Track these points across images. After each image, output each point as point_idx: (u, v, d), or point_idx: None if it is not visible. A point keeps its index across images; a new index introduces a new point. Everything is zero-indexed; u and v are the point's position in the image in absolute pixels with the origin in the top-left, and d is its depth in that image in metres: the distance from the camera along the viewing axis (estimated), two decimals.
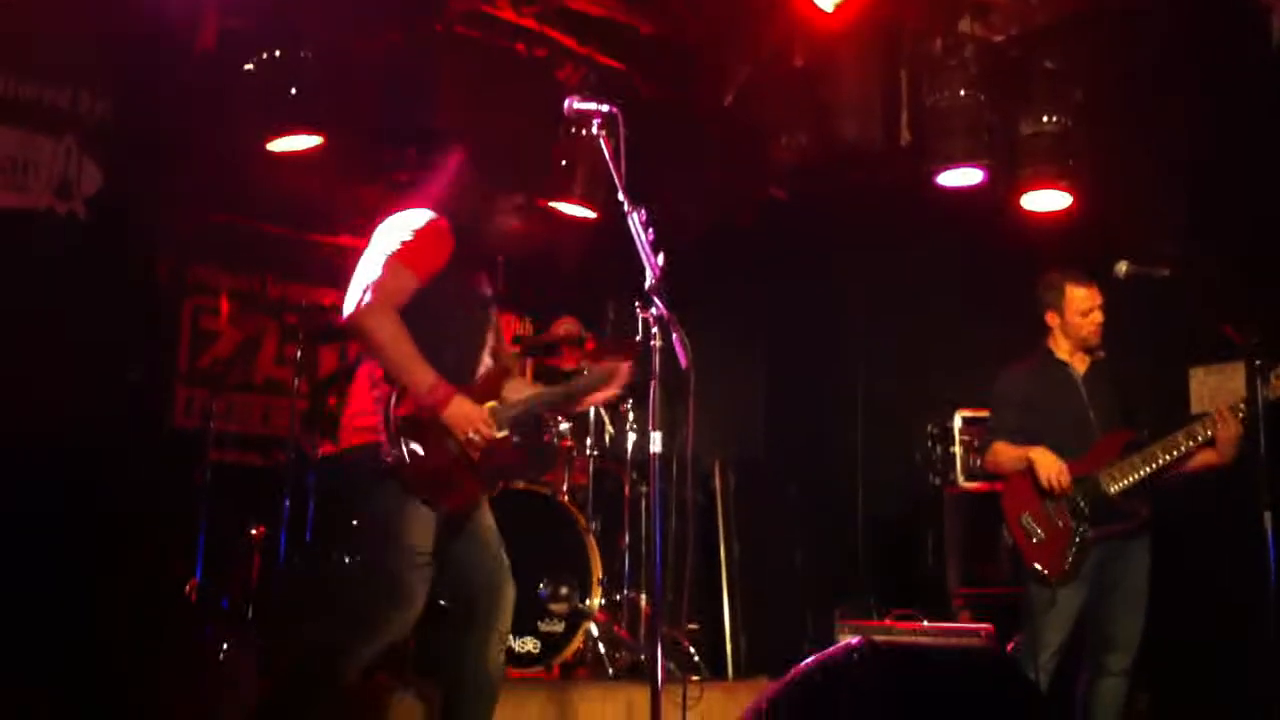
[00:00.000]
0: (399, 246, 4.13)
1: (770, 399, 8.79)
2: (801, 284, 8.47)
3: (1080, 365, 5.48)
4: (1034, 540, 5.21)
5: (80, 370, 6.17)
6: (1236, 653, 5.85)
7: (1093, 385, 5.43)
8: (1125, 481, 5.19)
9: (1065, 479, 5.18)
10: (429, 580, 4.12)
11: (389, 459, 4.05)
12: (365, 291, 4.06)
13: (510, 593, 4.35)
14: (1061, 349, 5.51)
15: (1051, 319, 5.52)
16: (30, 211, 6.46)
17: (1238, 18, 6.22)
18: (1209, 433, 5.14)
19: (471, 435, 4.11)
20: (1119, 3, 6.53)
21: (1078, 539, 5.17)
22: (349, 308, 4.09)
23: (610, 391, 4.64)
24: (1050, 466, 5.20)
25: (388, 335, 4.06)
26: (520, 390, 4.46)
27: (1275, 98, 6.26)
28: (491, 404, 4.24)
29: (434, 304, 4.16)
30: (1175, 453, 5.18)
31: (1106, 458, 5.25)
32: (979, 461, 5.98)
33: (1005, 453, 5.39)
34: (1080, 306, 5.45)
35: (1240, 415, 5.07)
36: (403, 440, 4.06)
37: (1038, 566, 5.17)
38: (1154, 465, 5.18)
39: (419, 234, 4.17)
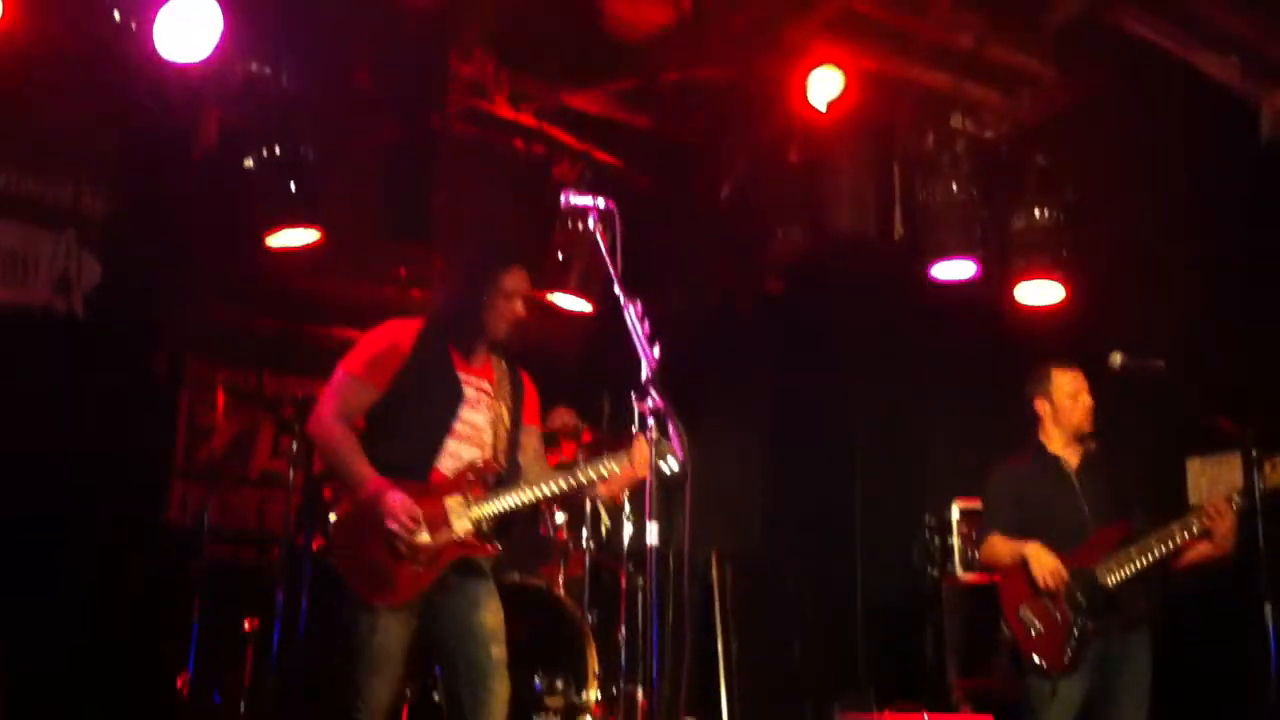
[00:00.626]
0: (348, 358, 4.45)
1: (768, 490, 8.75)
2: (799, 376, 8.48)
3: (1073, 458, 5.46)
4: (1032, 633, 5.14)
5: (76, 466, 6.16)
6: None
7: (1086, 479, 5.41)
8: (1121, 574, 5.14)
9: (1060, 576, 5.14)
10: (388, 674, 4.25)
11: (327, 558, 4.37)
12: (319, 403, 4.41)
13: (500, 690, 4.36)
14: (1054, 441, 5.49)
15: (1041, 406, 5.51)
16: (29, 307, 6.48)
17: (1227, 112, 6.31)
18: (1204, 524, 5.11)
19: (393, 527, 4.20)
20: (1108, 98, 6.62)
21: (1076, 631, 5.10)
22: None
23: (626, 477, 4.55)
24: (1044, 565, 5.16)
25: (327, 441, 4.35)
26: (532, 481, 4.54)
27: (1265, 190, 6.32)
28: (454, 499, 4.33)
29: (394, 402, 4.39)
30: (1170, 544, 5.15)
31: (1103, 551, 5.21)
32: (978, 556, 5.95)
33: (1000, 547, 5.36)
34: (1068, 390, 5.45)
35: (1235, 506, 5.05)
36: (340, 539, 4.33)
37: (1037, 659, 5.11)
38: (1150, 557, 5.15)
39: (366, 343, 4.48)
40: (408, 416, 4.40)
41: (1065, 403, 5.45)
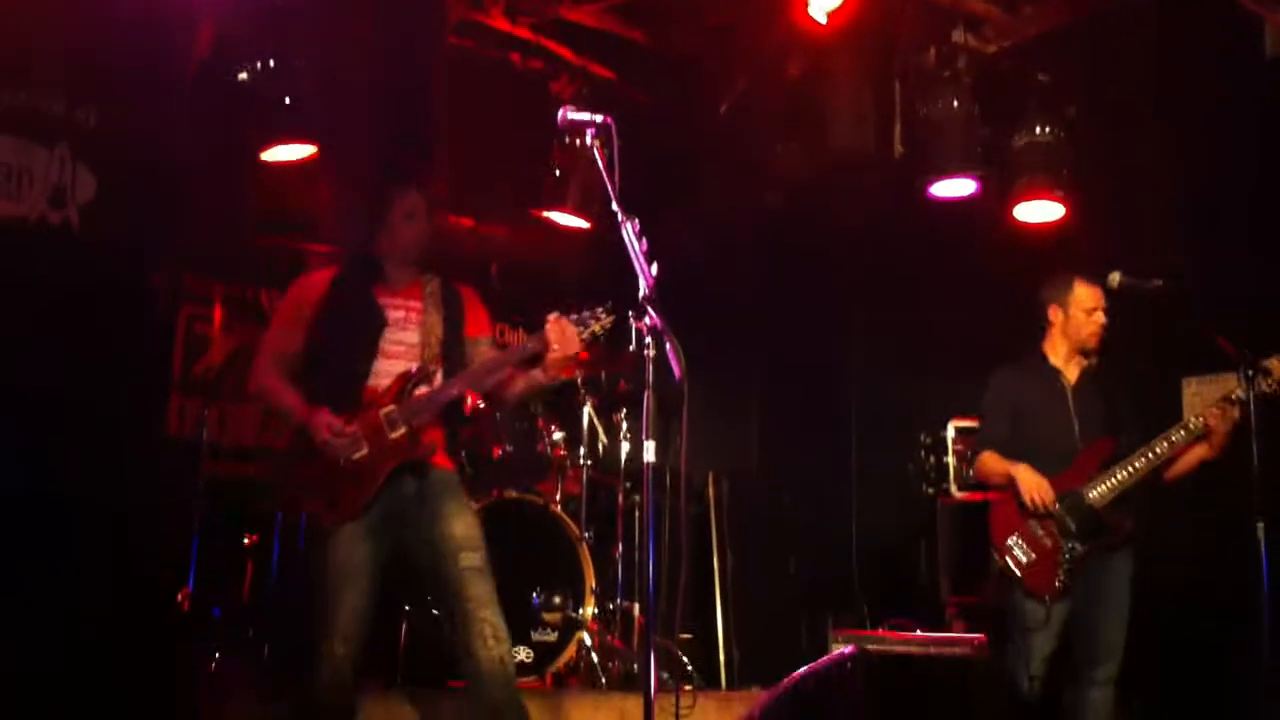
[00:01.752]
0: (273, 316, 4.79)
1: (765, 409, 8.79)
2: (797, 294, 8.48)
3: (1072, 374, 5.43)
4: (1025, 560, 5.15)
5: (73, 380, 6.15)
6: (1228, 663, 5.85)
7: (1081, 396, 5.38)
8: (1108, 493, 5.14)
9: (1049, 497, 5.14)
10: (352, 590, 4.30)
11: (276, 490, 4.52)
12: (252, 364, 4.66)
13: (481, 594, 4.35)
14: (1057, 352, 5.45)
15: (1054, 314, 5.45)
16: (24, 220, 6.44)
17: (1231, 27, 6.24)
18: (1184, 435, 5.12)
19: (330, 441, 4.32)
20: (1110, 13, 6.55)
21: (1067, 556, 5.11)
22: None
23: (557, 357, 4.42)
24: (1033, 486, 5.15)
25: (261, 391, 4.56)
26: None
27: (1268, 107, 6.28)
28: (387, 409, 4.40)
29: (321, 339, 4.54)
30: (1152, 456, 5.13)
31: (1089, 471, 5.20)
32: (971, 471, 5.97)
33: (992, 464, 5.37)
34: (1086, 304, 5.38)
35: (1238, 404, 5.04)
36: (283, 470, 4.49)
37: (1029, 587, 5.11)
38: (1132, 471, 5.13)
39: (286, 296, 4.73)
40: (335, 349, 4.52)
41: (1079, 315, 5.39)
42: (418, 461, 4.44)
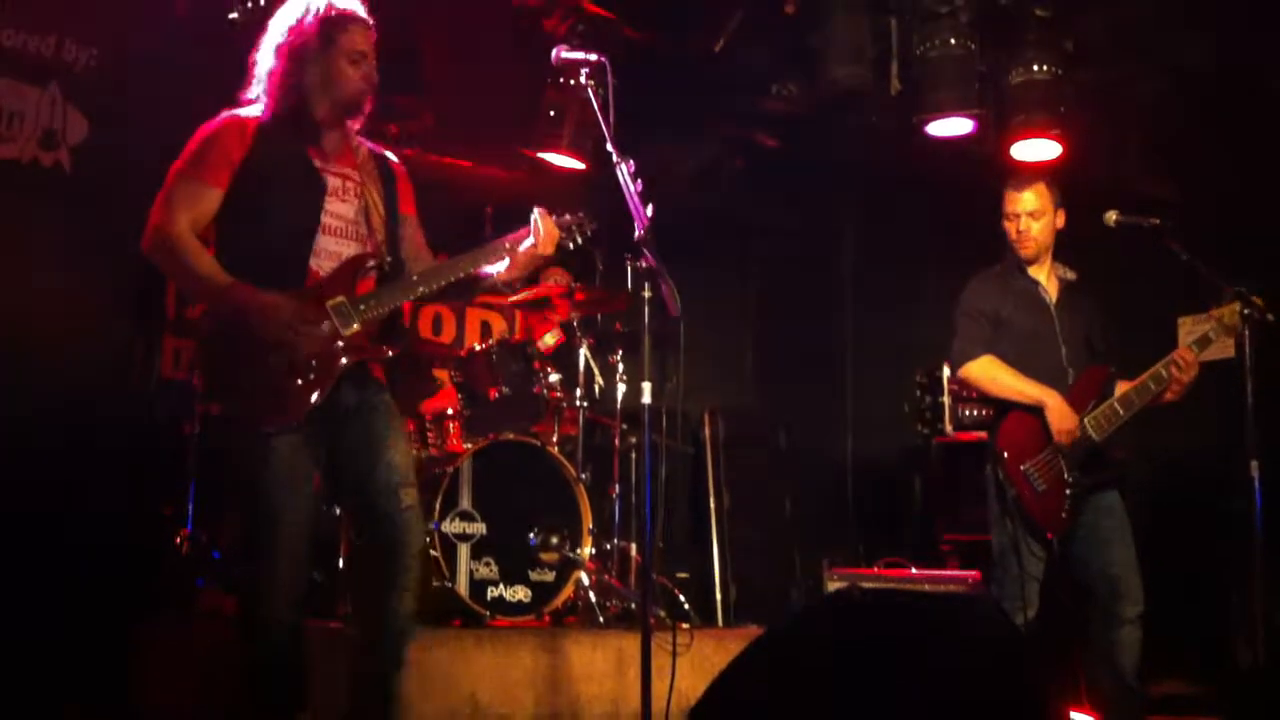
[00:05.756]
0: (180, 159, 3.84)
1: (760, 348, 8.80)
2: (792, 232, 8.47)
3: (1051, 286, 5.27)
4: (1038, 492, 4.98)
5: (68, 322, 6.15)
6: (1220, 598, 5.90)
7: (1064, 315, 5.23)
8: (1108, 428, 5.03)
9: (1076, 435, 4.99)
10: (298, 509, 3.73)
11: (200, 392, 3.79)
12: (152, 216, 3.77)
13: (410, 541, 3.84)
14: (1034, 261, 5.28)
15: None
16: (16, 163, 6.41)
17: None
18: (1173, 373, 5.04)
19: (283, 335, 3.66)
20: None
21: (1071, 491, 4.98)
22: None
23: (517, 261, 4.05)
24: (1068, 420, 4.98)
25: (171, 249, 3.72)
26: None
27: (1268, 45, 6.23)
28: (337, 300, 3.80)
29: (245, 202, 3.79)
30: (1147, 395, 5.05)
31: (1085, 401, 5.07)
32: (969, 412, 5.93)
33: (1006, 377, 5.12)
34: (1003, 209, 5.27)
35: (1203, 346, 5.03)
36: (210, 362, 3.78)
37: (1039, 521, 4.97)
38: (1129, 408, 5.04)
39: (198, 139, 3.86)
40: (266, 215, 3.78)
41: (1003, 222, 5.28)
42: (365, 367, 3.89)
